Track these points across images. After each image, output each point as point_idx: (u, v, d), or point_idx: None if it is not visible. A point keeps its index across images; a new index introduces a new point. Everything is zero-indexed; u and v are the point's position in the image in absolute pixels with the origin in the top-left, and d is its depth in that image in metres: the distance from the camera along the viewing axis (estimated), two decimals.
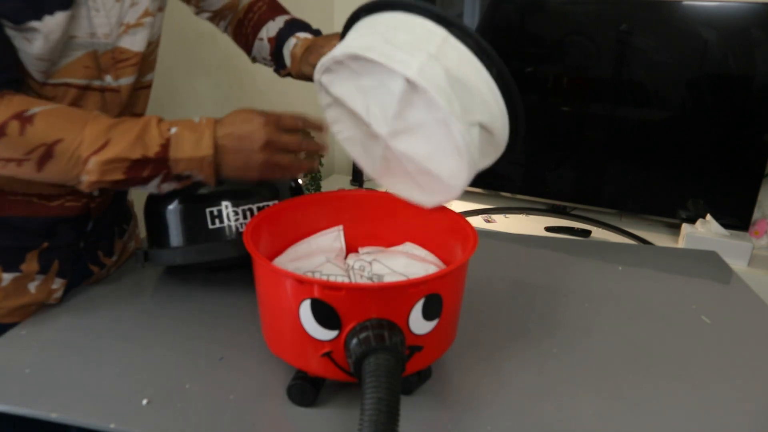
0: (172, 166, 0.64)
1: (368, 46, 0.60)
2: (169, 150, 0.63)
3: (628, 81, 1.69)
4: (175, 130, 0.64)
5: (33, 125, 0.59)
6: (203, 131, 0.64)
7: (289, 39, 0.88)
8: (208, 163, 0.64)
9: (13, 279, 0.71)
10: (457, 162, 0.61)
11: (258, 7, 0.92)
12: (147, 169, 0.63)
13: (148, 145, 0.63)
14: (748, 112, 1.59)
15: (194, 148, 0.64)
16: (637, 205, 1.79)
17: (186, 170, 0.65)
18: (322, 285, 0.52)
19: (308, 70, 0.83)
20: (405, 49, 0.59)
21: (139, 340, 0.69)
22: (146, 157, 0.63)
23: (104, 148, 0.61)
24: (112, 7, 0.67)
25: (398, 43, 0.59)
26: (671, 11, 1.59)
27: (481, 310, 0.79)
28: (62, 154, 0.60)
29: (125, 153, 0.62)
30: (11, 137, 0.59)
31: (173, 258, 0.75)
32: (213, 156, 0.64)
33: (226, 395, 0.59)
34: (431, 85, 0.56)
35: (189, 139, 0.64)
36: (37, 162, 0.60)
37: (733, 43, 1.56)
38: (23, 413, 0.57)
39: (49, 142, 0.60)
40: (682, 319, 0.80)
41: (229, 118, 0.66)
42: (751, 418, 0.60)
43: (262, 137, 0.65)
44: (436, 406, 0.60)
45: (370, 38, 0.62)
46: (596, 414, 0.60)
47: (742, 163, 1.63)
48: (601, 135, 1.77)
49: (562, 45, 1.75)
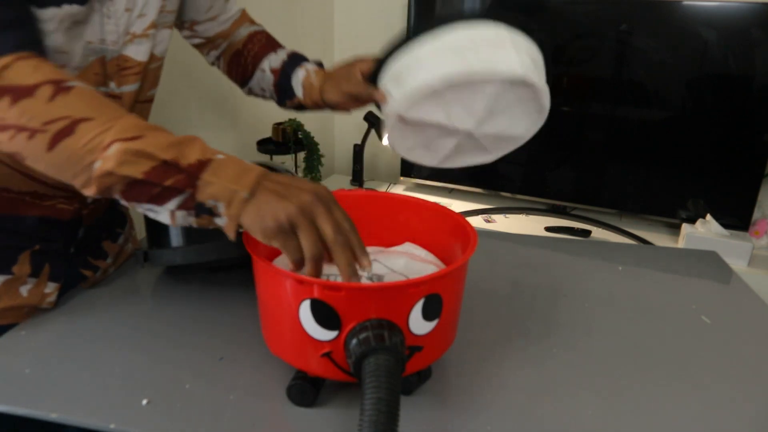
0: (200, 187, 0.54)
1: (468, 69, 0.66)
2: (205, 169, 0.54)
3: (628, 81, 1.69)
4: (221, 157, 0.56)
5: (67, 95, 0.54)
6: (251, 170, 0.56)
7: (296, 70, 0.88)
8: (240, 199, 0.53)
9: (4, 281, 0.70)
10: (535, 118, 0.73)
11: (258, 39, 0.93)
12: (171, 179, 0.54)
13: (184, 153, 0.54)
14: (748, 112, 1.59)
15: (233, 179, 0.54)
16: (637, 205, 1.80)
17: (212, 199, 0.54)
18: (322, 285, 0.52)
19: (334, 98, 0.84)
20: (496, 56, 0.67)
21: (139, 340, 0.69)
22: (177, 164, 0.54)
23: (134, 140, 0.54)
24: (121, 15, 0.68)
25: (485, 54, 0.66)
26: (671, 11, 1.59)
27: (481, 310, 0.79)
28: (85, 133, 0.54)
29: (155, 150, 0.54)
30: (37, 101, 0.53)
31: (173, 258, 0.75)
32: (249, 195, 0.54)
33: (226, 395, 0.59)
34: (533, 76, 0.67)
35: (232, 169, 0.55)
36: (52, 136, 0.53)
37: (733, 43, 1.56)
38: (23, 413, 0.57)
39: (76, 117, 0.54)
40: (682, 319, 0.80)
41: (285, 176, 0.57)
42: (751, 418, 0.60)
43: (308, 198, 0.54)
44: (436, 406, 0.60)
45: (456, 60, 0.66)
46: (596, 414, 0.60)
47: (742, 163, 1.63)
48: (601, 135, 1.77)
49: (562, 45, 1.75)
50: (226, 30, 0.93)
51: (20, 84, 0.54)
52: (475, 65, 0.65)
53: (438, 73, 0.66)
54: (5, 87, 0.53)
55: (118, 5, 0.68)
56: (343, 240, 0.53)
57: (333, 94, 0.84)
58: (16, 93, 0.53)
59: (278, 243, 0.53)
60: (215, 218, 0.55)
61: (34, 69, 0.55)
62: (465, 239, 0.64)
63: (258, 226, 0.53)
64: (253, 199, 0.54)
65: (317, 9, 2.02)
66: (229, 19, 0.92)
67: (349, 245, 0.54)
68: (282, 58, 0.91)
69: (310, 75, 0.88)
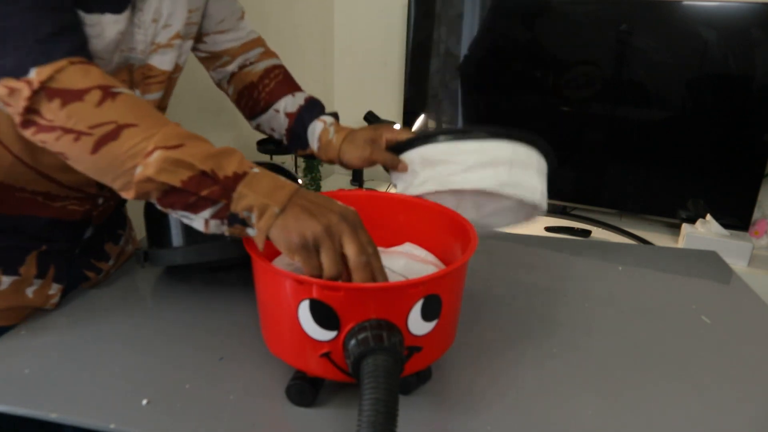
0: (235, 199, 0.56)
1: (499, 185, 0.72)
2: (241, 182, 0.56)
3: (628, 81, 1.69)
4: (256, 171, 0.58)
5: (114, 101, 0.56)
6: (285, 186, 0.58)
7: (314, 122, 0.88)
8: (272, 214, 0.55)
9: (12, 282, 0.71)
10: (521, 220, 0.82)
11: (274, 75, 0.92)
12: (207, 189, 0.56)
13: (222, 165, 0.56)
14: (748, 112, 1.59)
15: (267, 194, 0.56)
16: (637, 205, 1.80)
17: (246, 210, 0.56)
18: (321, 285, 0.52)
19: (353, 161, 0.84)
20: (524, 179, 0.74)
21: (139, 340, 0.69)
22: (215, 175, 0.56)
23: (175, 149, 0.56)
24: (149, 26, 0.70)
25: (516, 176, 0.73)
26: (671, 11, 1.59)
27: (481, 310, 0.79)
28: (129, 139, 0.55)
29: (195, 160, 0.56)
30: (87, 105, 0.55)
31: (174, 258, 0.75)
32: (280, 210, 0.55)
33: (226, 395, 0.59)
34: (545, 204, 0.77)
35: (266, 184, 0.57)
36: (97, 140, 0.55)
37: (733, 43, 1.56)
38: (23, 413, 0.57)
39: (121, 123, 0.56)
40: (682, 319, 0.80)
41: (317, 196, 0.59)
42: (751, 418, 0.60)
43: (335, 218, 0.56)
44: (436, 406, 0.60)
45: (490, 172, 0.73)
46: (596, 414, 0.60)
47: (742, 163, 1.63)
48: (601, 135, 1.77)
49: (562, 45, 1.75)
50: (235, 48, 0.91)
51: (71, 88, 0.55)
52: (505, 184, 0.72)
53: (471, 178, 0.72)
54: (57, 90, 0.55)
55: (146, 15, 0.69)
56: (365, 262, 0.55)
57: (353, 156, 0.84)
58: (67, 96, 0.55)
59: (300, 258, 0.54)
60: (247, 229, 0.57)
61: (84, 74, 0.56)
62: (465, 239, 0.64)
63: (284, 240, 0.55)
64: (282, 214, 0.55)
65: (317, 9, 2.02)
66: (239, 38, 0.91)
67: (370, 268, 0.55)
68: (299, 103, 0.89)
69: (328, 131, 0.86)
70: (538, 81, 1.78)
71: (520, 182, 0.74)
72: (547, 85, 1.78)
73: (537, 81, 1.78)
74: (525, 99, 1.83)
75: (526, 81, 1.80)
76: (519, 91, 1.83)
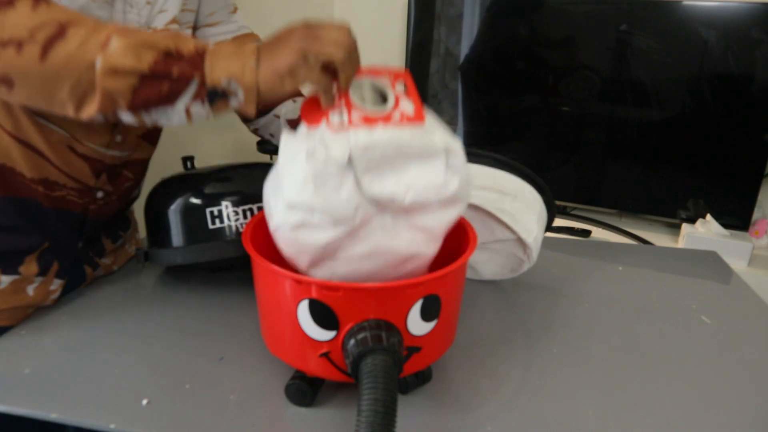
0: (207, 70, 0.54)
1: (499, 211, 0.75)
2: (207, 53, 0.55)
3: (628, 81, 1.69)
4: (212, 45, 0.57)
5: (49, 5, 0.53)
6: (245, 41, 0.58)
7: None
8: (251, 67, 0.54)
9: (11, 282, 0.71)
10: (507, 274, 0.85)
11: None
12: (177, 67, 0.53)
13: (180, 44, 0.55)
14: (748, 112, 1.59)
15: (234, 56, 0.55)
16: (637, 205, 1.79)
17: (224, 77, 0.54)
18: (320, 285, 0.52)
19: None
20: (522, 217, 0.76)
21: (139, 340, 0.69)
22: (179, 52, 0.54)
23: (131, 35, 0.53)
24: (143, 7, 0.68)
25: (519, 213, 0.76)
26: (671, 11, 1.59)
27: (481, 310, 0.79)
28: (77, 34, 0.52)
29: (155, 41, 0.53)
30: (20, 10, 0.52)
31: (174, 258, 0.75)
32: (256, 61, 0.55)
33: (226, 395, 0.60)
34: (535, 255, 0.80)
35: (228, 48, 0.56)
36: (43, 45, 0.51)
37: (733, 43, 1.55)
38: (23, 413, 0.57)
39: (63, 21, 0.52)
40: (682, 319, 0.80)
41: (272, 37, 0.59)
42: (751, 418, 0.60)
43: (299, 30, 0.56)
44: (435, 406, 0.60)
45: (495, 197, 0.75)
46: (596, 414, 0.60)
47: (742, 163, 1.63)
48: (601, 135, 1.77)
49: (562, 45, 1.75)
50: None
51: None
52: (504, 211, 0.75)
53: (473, 195, 0.73)
54: None
55: None
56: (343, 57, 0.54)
57: None
58: None
59: (303, 75, 0.54)
60: (231, 99, 0.56)
61: None
62: (465, 239, 0.64)
63: (278, 79, 0.54)
64: (260, 63, 0.55)
65: (317, 9, 2.02)
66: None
67: (354, 58, 0.56)
68: (299, 109, 0.88)
69: None
70: (538, 81, 1.78)
71: (518, 218, 0.75)
72: (547, 85, 1.78)
73: (537, 81, 1.78)
74: (525, 99, 1.83)
75: (526, 81, 1.80)
76: (519, 91, 1.83)
